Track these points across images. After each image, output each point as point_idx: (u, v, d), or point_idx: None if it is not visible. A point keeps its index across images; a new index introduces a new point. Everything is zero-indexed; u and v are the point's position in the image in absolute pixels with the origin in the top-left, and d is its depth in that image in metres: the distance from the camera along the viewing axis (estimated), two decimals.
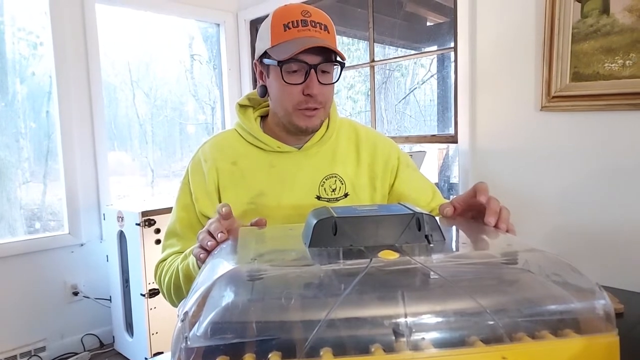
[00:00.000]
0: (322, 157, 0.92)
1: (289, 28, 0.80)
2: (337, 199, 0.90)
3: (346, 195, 0.91)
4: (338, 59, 0.82)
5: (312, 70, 0.80)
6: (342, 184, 0.91)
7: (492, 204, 0.64)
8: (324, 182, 0.90)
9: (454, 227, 0.66)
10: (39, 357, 2.16)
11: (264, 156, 0.90)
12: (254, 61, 0.90)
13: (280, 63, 0.79)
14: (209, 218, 0.88)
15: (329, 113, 0.93)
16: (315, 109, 0.83)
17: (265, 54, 0.84)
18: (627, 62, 1.44)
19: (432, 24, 2.79)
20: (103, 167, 2.39)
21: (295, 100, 0.83)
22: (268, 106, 0.93)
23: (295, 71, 0.81)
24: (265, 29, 0.83)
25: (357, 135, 0.96)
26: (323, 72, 0.82)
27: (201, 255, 0.64)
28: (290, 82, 0.81)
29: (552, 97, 1.61)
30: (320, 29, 0.81)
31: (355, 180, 0.92)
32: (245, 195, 0.88)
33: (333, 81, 0.85)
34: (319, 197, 0.89)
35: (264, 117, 0.96)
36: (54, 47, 2.21)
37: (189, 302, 0.42)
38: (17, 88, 2.21)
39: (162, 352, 2.04)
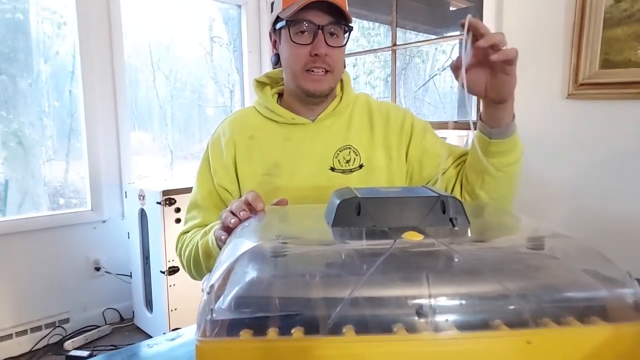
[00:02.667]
0: (336, 129, 0.92)
1: None
2: (351, 171, 0.90)
3: (361, 166, 0.91)
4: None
5: (320, 31, 0.82)
6: (357, 155, 0.91)
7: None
8: (338, 153, 0.90)
9: (479, 211, 0.65)
10: (63, 327, 2.23)
11: (279, 129, 0.92)
12: (269, 31, 0.92)
13: (288, 22, 0.82)
14: (227, 190, 0.91)
15: (339, 81, 0.94)
16: (324, 71, 0.85)
17: (277, 20, 0.86)
18: None
19: (455, 8, 2.72)
20: (125, 146, 2.42)
21: (303, 61, 0.84)
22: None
23: (303, 32, 0.83)
24: None
25: (370, 108, 0.96)
26: (332, 34, 0.84)
27: (222, 237, 0.65)
28: (298, 42, 0.83)
29: (579, 84, 1.56)
30: None
31: (370, 151, 0.92)
32: (261, 167, 0.90)
33: (342, 44, 0.86)
34: (333, 169, 0.90)
35: (280, 96, 0.97)
36: (78, 27, 2.22)
37: (215, 276, 0.42)
38: (41, 67, 2.24)
39: (180, 328, 2.09)
